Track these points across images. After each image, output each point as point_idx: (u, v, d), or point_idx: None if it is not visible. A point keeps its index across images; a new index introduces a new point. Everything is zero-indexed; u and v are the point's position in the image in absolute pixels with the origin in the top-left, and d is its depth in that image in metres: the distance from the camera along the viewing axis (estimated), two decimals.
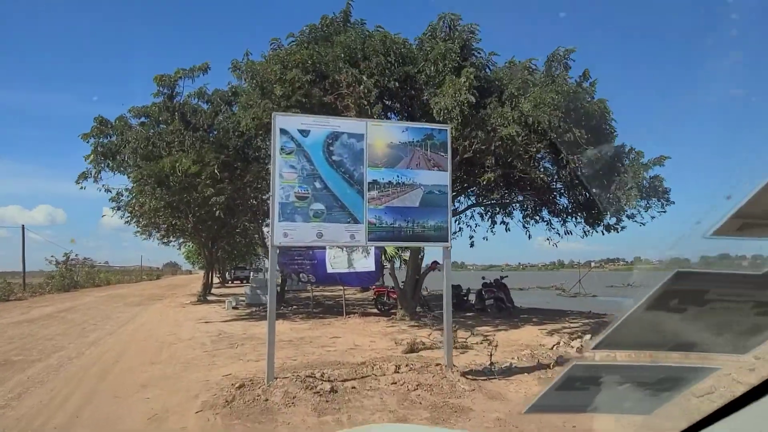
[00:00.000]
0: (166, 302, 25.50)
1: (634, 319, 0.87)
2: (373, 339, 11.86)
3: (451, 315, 7.39)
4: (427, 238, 7.16)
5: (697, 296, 0.82)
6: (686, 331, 0.90)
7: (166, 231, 28.05)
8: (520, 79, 11.26)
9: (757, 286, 0.79)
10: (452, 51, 10.87)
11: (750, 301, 0.82)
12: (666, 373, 1.06)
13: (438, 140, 7.30)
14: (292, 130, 6.72)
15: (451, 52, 10.85)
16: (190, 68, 15.79)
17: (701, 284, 0.81)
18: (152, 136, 16.14)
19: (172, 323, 15.68)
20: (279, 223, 6.55)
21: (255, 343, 11.29)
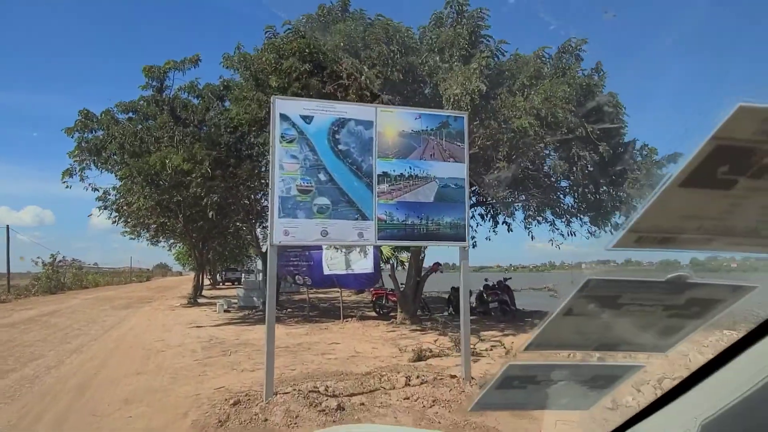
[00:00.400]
0: (155, 305, 24.64)
1: (557, 323, 0.92)
2: (374, 345, 11.15)
3: (469, 323, 6.70)
4: (443, 237, 6.47)
5: (611, 300, 0.87)
6: (607, 332, 0.96)
7: (156, 231, 27.17)
8: (533, 68, 10.61)
9: (662, 291, 0.84)
10: (461, 37, 10.19)
11: (660, 305, 0.87)
12: (598, 371, 1.14)
13: (454, 129, 6.63)
14: (293, 115, 6.02)
15: (460, 38, 10.17)
16: (181, 60, 14.99)
17: (613, 290, 0.86)
18: (140, 131, 15.32)
19: (160, 328, 14.88)
20: (279, 219, 5.84)
21: (249, 350, 10.55)
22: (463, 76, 9.36)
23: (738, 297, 0.82)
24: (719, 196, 0.64)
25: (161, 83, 15.44)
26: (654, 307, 0.89)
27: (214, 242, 30.81)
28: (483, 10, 10.79)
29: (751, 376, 0.73)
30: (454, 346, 9.96)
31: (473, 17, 10.80)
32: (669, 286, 0.83)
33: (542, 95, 10.64)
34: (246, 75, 12.46)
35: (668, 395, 0.94)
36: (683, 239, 0.70)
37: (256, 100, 11.71)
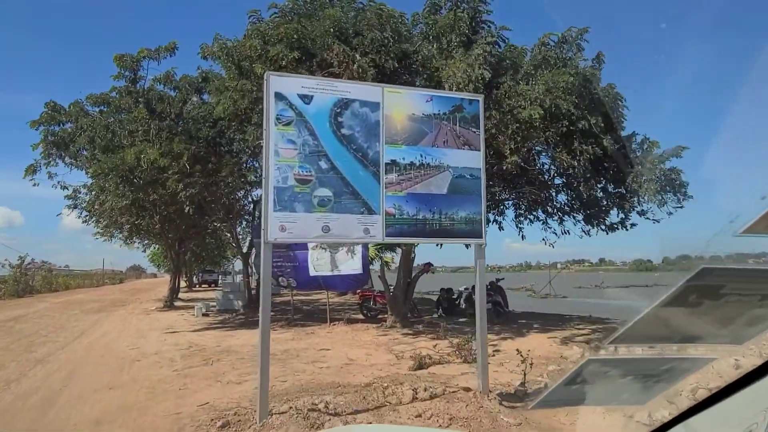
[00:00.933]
0: (130, 309, 23.50)
1: (651, 315, 0.90)
2: (368, 351, 10.43)
3: (486, 329, 6.03)
4: (457, 234, 5.78)
5: (715, 290, 0.86)
6: (695, 325, 0.93)
7: (130, 232, 25.94)
8: (540, 56, 10.01)
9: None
10: (462, 21, 9.53)
11: (758, 294, 0.85)
12: (667, 365, 1.12)
13: (469, 113, 5.95)
14: (290, 95, 5.27)
15: (461, 23, 9.51)
16: (155, 49, 14.05)
17: (722, 279, 0.84)
18: (112, 124, 14.34)
19: (135, 334, 13.92)
20: (274, 213, 5.09)
21: (233, 359, 9.74)
22: (466, 62, 8.70)
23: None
24: None
25: (134, 73, 14.47)
26: (751, 296, 0.86)
27: (191, 243, 29.71)
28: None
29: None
30: (455, 351, 9.29)
31: (474, 1, 10.16)
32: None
33: (543, 86, 10.05)
34: (228, 63, 11.61)
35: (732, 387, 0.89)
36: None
37: (239, 90, 10.87)
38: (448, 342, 10.40)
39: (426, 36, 11.39)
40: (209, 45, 12.25)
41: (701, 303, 0.89)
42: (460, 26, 9.66)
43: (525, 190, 14.95)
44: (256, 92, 10.88)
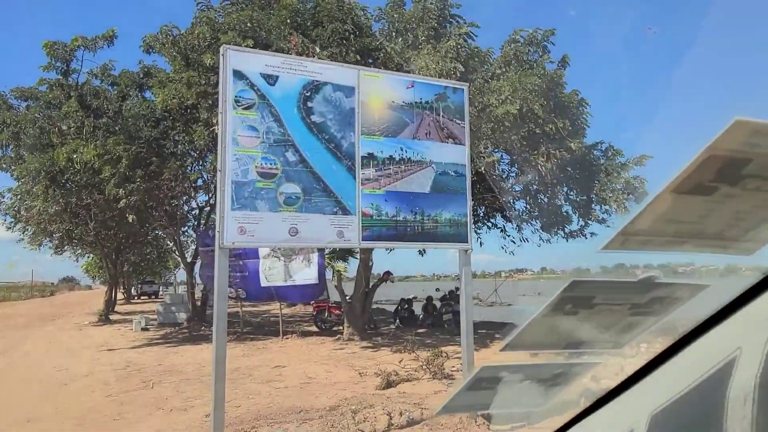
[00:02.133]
0: (60, 323, 21.61)
1: (535, 323, 0.98)
2: (327, 368, 9.62)
3: (473, 345, 5.40)
4: (441, 237, 5.13)
5: (587, 301, 0.94)
6: (576, 331, 1.02)
7: (61, 240, 23.97)
8: (511, 52, 9.57)
9: (632, 291, 0.92)
10: (430, 13, 8.97)
11: (627, 304, 0.94)
12: (559, 369, 1.19)
13: (453, 102, 5.33)
14: (251, 74, 4.49)
15: (429, 14, 8.94)
16: (92, 38, 12.79)
17: (590, 291, 0.93)
18: (40, 119, 12.95)
19: (64, 352, 12.53)
20: (232, 212, 4.27)
21: (177, 380, 8.72)
22: (438, 54, 8.13)
23: (694, 294, 0.91)
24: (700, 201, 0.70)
25: (67, 65, 13.13)
26: (621, 306, 0.95)
27: (129, 252, 27.93)
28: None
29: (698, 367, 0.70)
30: (423, 367, 8.64)
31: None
32: (639, 286, 0.90)
33: (510, 87, 9.63)
34: (173, 54, 10.63)
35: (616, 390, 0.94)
36: (660, 242, 0.77)
37: (185, 82, 9.91)
38: (413, 356, 9.75)
39: (389, 33, 10.80)
40: (152, 34, 11.22)
41: (578, 312, 0.97)
42: (428, 19, 9.11)
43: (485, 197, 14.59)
44: (205, 85, 9.97)
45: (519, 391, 1.24)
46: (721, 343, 0.67)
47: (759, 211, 0.73)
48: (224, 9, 10.17)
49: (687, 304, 0.92)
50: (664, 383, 0.78)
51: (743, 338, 0.62)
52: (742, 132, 0.61)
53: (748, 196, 0.71)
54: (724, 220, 0.76)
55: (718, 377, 0.64)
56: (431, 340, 13.23)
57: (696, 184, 0.68)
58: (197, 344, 13.55)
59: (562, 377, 1.20)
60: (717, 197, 0.71)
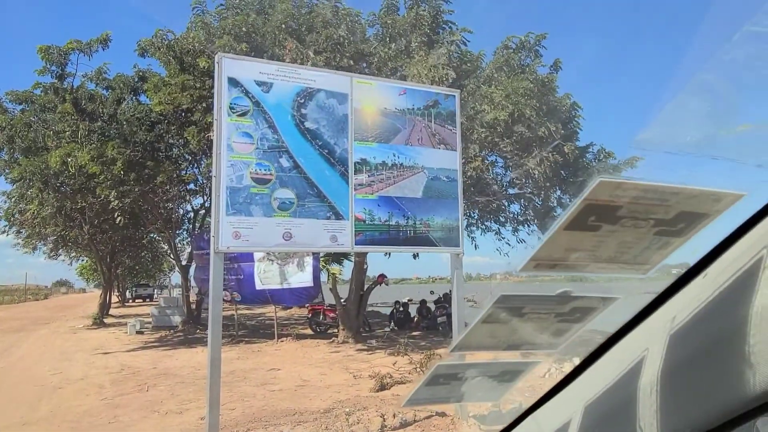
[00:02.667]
0: (54, 327, 21.54)
1: (476, 329, 1.11)
2: (322, 370, 9.68)
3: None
4: (433, 242, 5.21)
5: (518, 310, 1.08)
6: (514, 335, 1.15)
7: (55, 244, 23.93)
8: (503, 58, 9.67)
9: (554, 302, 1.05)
10: (423, 20, 9.06)
11: (552, 313, 1.08)
12: (506, 368, 1.34)
13: (444, 109, 5.42)
14: (246, 81, 4.56)
15: (423, 21, 9.04)
16: (87, 42, 12.81)
17: (519, 302, 1.07)
18: (35, 123, 12.97)
19: (58, 356, 12.52)
20: (227, 217, 4.34)
21: (172, 383, 8.76)
22: (430, 62, 8.22)
23: (607, 305, 1.05)
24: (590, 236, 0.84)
25: (62, 68, 13.14)
26: (548, 315, 1.08)
27: (124, 255, 27.87)
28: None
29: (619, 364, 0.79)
30: (417, 369, 8.70)
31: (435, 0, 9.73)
32: (558, 299, 1.04)
33: (503, 91, 9.73)
34: (168, 58, 10.67)
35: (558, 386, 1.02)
36: (566, 265, 0.90)
37: (180, 86, 9.96)
38: (407, 359, 9.81)
39: (383, 38, 10.89)
40: (147, 38, 11.27)
41: (511, 319, 1.09)
42: (421, 25, 9.20)
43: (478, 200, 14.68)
44: (200, 89, 10.02)
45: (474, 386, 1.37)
46: (636, 344, 0.77)
47: (640, 242, 0.88)
48: (219, 13, 10.23)
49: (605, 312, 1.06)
50: (596, 378, 0.88)
51: (651, 340, 0.72)
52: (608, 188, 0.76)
53: (628, 232, 0.85)
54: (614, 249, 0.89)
55: (633, 372, 0.74)
56: (425, 342, 13.29)
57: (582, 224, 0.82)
58: (192, 347, 13.58)
59: (510, 374, 1.33)
60: (603, 232, 0.84)
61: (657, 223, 0.90)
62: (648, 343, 0.73)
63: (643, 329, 0.79)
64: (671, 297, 0.73)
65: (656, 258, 1.03)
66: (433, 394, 1.41)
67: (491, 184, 14.14)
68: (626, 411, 0.74)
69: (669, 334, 0.68)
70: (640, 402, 0.70)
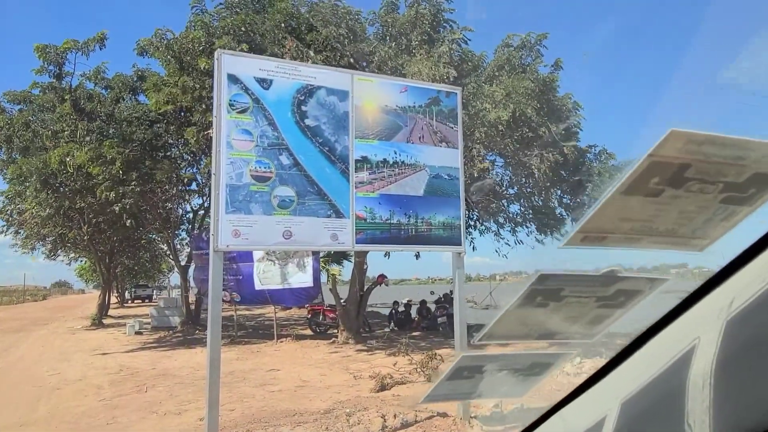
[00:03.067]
0: (53, 327, 21.49)
1: (508, 315, 1.03)
2: (322, 371, 9.62)
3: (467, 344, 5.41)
4: (434, 240, 5.16)
5: (556, 293, 0.99)
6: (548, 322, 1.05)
7: (54, 244, 23.86)
8: (504, 56, 9.63)
9: (597, 283, 0.97)
10: (424, 18, 9.01)
11: (593, 296, 0.99)
12: (536, 359, 1.24)
13: (446, 106, 5.37)
14: (246, 78, 4.51)
15: (423, 20, 8.99)
16: (84, 41, 12.74)
17: (558, 283, 0.98)
18: (33, 122, 12.90)
19: (57, 357, 12.47)
20: (227, 215, 4.29)
21: (171, 384, 8.70)
22: (431, 60, 8.17)
23: (654, 288, 0.96)
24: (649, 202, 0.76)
25: (59, 68, 13.08)
26: (588, 298, 0.99)
27: (123, 255, 27.79)
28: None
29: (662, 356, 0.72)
30: (418, 370, 8.65)
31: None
32: (603, 279, 0.95)
33: (504, 90, 9.69)
34: (167, 58, 10.62)
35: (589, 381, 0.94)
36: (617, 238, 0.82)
37: (179, 86, 9.91)
38: (408, 359, 9.77)
39: (383, 36, 10.84)
40: (146, 38, 11.22)
41: (547, 304, 1.01)
42: (422, 23, 9.15)
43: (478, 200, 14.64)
44: (199, 90, 9.97)
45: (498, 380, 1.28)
46: (682, 334, 0.70)
47: (704, 211, 0.80)
48: (219, 13, 10.18)
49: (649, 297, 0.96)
50: (633, 373, 0.81)
51: (701, 329, 0.65)
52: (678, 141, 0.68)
53: (692, 198, 0.77)
54: (673, 219, 0.81)
55: (680, 365, 0.67)
56: (425, 342, 13.24)
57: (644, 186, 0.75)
58: (191, 348, 13.52)
59: (539, 367, 1.24)
60: (664, 199, 0.78)
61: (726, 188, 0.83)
62: (698, 332, 0.66)
63: (692, 316, 0.70)
64: (727, 279, 0.65)
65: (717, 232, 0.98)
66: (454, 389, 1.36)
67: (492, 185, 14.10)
68: (672, 407, 0.66)
69: (725, 320, 0.61)
70: (689, 396, 0.63)
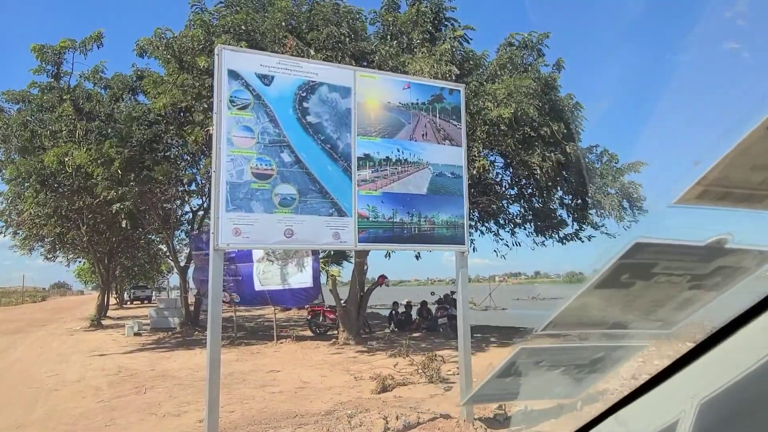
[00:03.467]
0: (51, 329, 21.40)
1: (583, 299, 0.89)
2: (322, 372, 9.54)
3: (470, 348, 5.32)
4: (438, 239, 5.09)
5: (646, 270, 0.84)
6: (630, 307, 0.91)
7: (53, 245, 23.76)
8: (506, 55, 9.56)
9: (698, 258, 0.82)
10: (425, 16, 8.94)
11: (688, 274, 0.85)
12: (599, 353, 1.11)
13: (449, 103, 5.31)
14: (247, 73, 4.44)
15: (424, 18, 8.92)
16: (81, 40, 12.67)
17: (653, 256, 0.83)
18: (31, 122, 12.82)
19: (55, 358, 12.38)
20: (227, 213, 4.22)
21: (170, 385, 8.62)
22: (433, 58, 8.10)
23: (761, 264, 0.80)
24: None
25: (57, 67, 13.01)
26: (681, 277, 0.86)
27: (122, 256, 27.68)
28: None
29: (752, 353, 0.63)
30: (419, 371, 8.57)
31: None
32: (707, 251, 0.80)
33: (506, 89, 9.62)
34: (167, 57, 10.54)
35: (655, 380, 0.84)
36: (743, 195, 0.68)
37: (179, 85, 9.84)
38: (408, 360, 9.69)
39: (383, 36, 10.78)
40: (146, 37, 11.14)
41: (633, 283, 0.87)
42: (423, 22, 9.09)
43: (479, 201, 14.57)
44: (199, 88, 9.91)
45: (554, 378, 1.15)
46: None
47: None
48: (218, 12, 10.11)
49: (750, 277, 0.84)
50: (713, 371, 0.72)
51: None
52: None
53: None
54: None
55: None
56: (426, 344, 13.15)
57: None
58: (190, 349, 13.44)
59: (602, 362, 1.11)
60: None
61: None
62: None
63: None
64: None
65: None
66: (503, 389, 1.23)
67: (493, 185, 14.05)
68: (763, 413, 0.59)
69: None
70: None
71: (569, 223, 14.16)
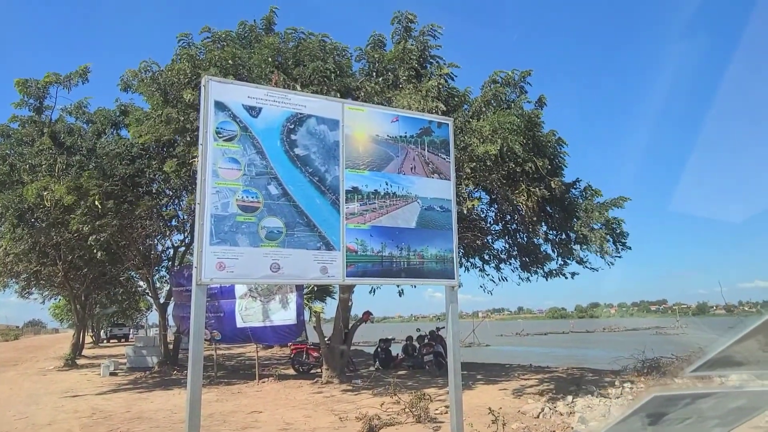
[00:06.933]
0: (22, 368, 20.62)
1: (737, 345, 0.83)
2: (306, 413, 9.23)
3: (461, 386, 5.15)
4: (427, 274, 4.99)
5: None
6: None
7: (28, 281, 23.14)
8: (491, 92, 9.68)
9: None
10: (411, 53, 9.05)
11: None
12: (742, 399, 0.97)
13: (438, 137, 5.28)
14: (234, 105, 4.38)
15: (410, 55, 9.03)
16: (66, 75, 12.61)
17: None
18: (11, 156, 12.61)
19: (25, 399, 11.84)
20: (211, 246, 4.08)
21: (146, 428, 8.26)
22: (420, 94, 8.16)
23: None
24: None
25: (40, 102, 12.90)
26: None
27: (100, 293, 27.03)
28: (435, 27, 9.79)
29: None
30: (406, 410, 8.33)
31: (424, 33, 9.77)
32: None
33: (490, 126, 9.71)
34: (152, 90, 10.50)
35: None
36: None
37: (163, 118, 9.76)
38: (395, 399, 9.43)
39: (369, 72, 10.89)
40: (131, 69, 11.11)
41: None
42: (409, 59, 9.20)
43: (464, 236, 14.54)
44: (183, 122, 9.84)
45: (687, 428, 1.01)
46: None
47: None
48: (206, 46, 10.15)
49: None
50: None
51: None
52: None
53: None
54: None
55: None
56: (412, 381, 12.89)
57: None
58: (169, 389, 12.98)
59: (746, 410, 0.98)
60: None
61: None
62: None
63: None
64: None
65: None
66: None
67: (477, 220, 14.05)
68: None
69: None
70: None
71: (554, 258, 14.15)
